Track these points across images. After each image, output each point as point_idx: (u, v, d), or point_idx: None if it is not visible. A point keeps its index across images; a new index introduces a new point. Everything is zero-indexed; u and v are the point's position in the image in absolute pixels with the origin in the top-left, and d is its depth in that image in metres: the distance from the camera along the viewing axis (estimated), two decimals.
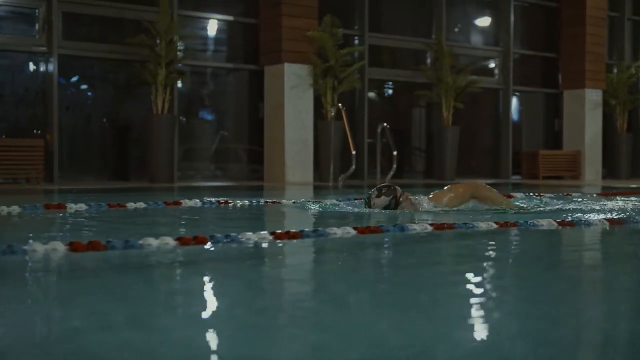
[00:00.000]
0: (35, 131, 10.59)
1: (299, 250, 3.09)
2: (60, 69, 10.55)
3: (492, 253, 3.19)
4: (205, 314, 1.92)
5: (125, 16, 11.19)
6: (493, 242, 3.49)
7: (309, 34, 11.75)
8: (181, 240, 2.91)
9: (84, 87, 11.33)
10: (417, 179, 14.05)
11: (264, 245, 3.07)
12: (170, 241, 2.88)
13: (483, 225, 3.76)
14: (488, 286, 2.34)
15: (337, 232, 3.25)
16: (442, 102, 13.38)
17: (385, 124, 11.36)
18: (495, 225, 3.78)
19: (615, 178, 15.27)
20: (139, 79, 10.86)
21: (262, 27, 12.08)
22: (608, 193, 7.70)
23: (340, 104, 11.42)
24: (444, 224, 3.71)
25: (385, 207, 5.01)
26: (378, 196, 5.03)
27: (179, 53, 10.97)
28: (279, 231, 3.21)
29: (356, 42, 13.11)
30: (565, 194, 7.56)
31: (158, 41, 10.80)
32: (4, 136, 10.52)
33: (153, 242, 2.86)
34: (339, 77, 11.97)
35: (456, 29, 14.72)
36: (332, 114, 11.57)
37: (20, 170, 10.12)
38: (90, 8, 10.91)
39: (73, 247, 2.70)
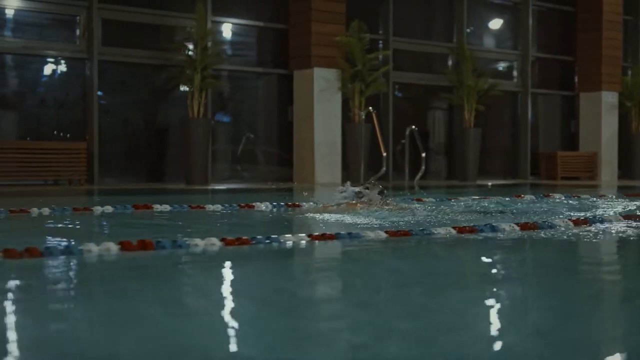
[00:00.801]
0: (76, 134, 10.91)
1: (418, 246, 3.43)
2: (100, 74, 10.89)
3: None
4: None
5: (162, 22, 11.53)
6: (577, 239, 3.83)
7: (337, 39, 12.09)
8: (312, 237, 3.26)
9: (121, 91, 11.65)
10: (439, 180, 14.37)
11: (383, 240, 3.42)
12: (304, 237, 3.24)
13: (561, 224, 4.11)
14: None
15: (441, 231, 3.59)
16: (464, 104, 13.73)
17: (413, 127, 11.71)
18: (571, 224, 4.13)
19: (631, 179, 15.61)
20: (176, 83, 11.20)
21: (291, 33, 12.41)
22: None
23: (371, 107, 11.75)
24: (528, 223, 4.05)
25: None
26: (371, 188, 5.42)
27: (213, 58, 11.27)
28: (393, 230, 3.56)
29: (380, 46, 13.45)
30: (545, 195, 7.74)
31: (192, 46, 11.14)
32: (28, 138, 10.80)
33: (291, 237, 3.21)
34: (366, 81, 12.31)
35: (476, 33, 15.05)
36: (363, 117, 11.90)
37: (63, 172, 10.44)
38: (129, 15, 11.26)
39: (226, 242, 3.04)
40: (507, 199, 6.81)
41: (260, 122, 12.87)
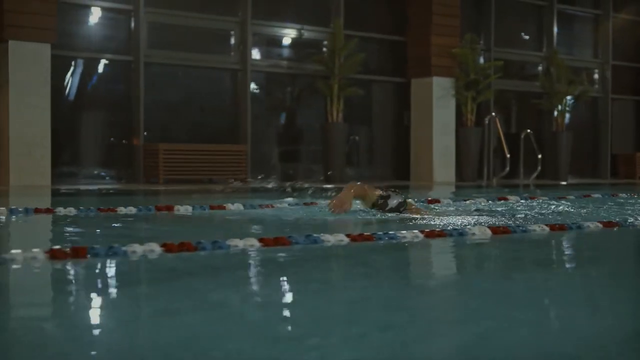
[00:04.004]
0: (229, 137, 12.10)
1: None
2: (252, 84, 12.12)
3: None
4: None
5: (304, 37, 12.75)
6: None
7: (453, 51, 13.27)
8: (551, 227, 4.27)
9: (269, 98, 12.88)
10: (529, 179, 15.52)
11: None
12: (544, 227, 4.23)
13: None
14: None
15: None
16: (557, 109, 14.91)
17: (528, 130, 12.90)
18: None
19: None
20: (317, 91, 12.41)
21: (410, 44, 13.59)
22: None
23: (493, 113, 12.94)
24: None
25: (393, 210, 5.37)
26: (391, 198, 5.36)
27: (349, 68, 12.43)
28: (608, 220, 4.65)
29: (481, 55, 14.64)
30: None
31: (329, 57, 12.35)
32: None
33: (537, 228, 4.20)
34: (477, 89, 13.50)
35: (561, 42, 16.21)
36: (486, 122, 13.07)
37: (226, 171, 11.61)
38: (276, 29, 12.51)
39: (427, 234, 3.96)
40: None
41: (379, 126, 14.06)
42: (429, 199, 6.85)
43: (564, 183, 14.11)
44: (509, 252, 3.71)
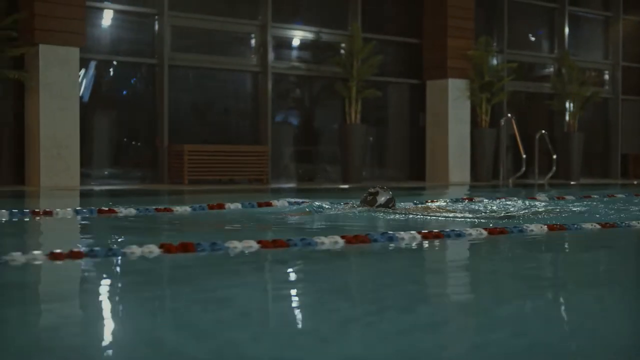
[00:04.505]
0: (249, 139, 12.29)
1: None
2: (272, 86, 12.30)
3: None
4: None
5: (323, 40, 12.95)
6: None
7: (468, 53, 13.47)
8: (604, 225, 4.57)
9: (289, 100, 13.08)
10: (543, 179, 15.72)
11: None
12: (595, 225, 4.55)
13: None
14: None
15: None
16: (569, 110, 15.12)
17: (543, 131, 13.09)
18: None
19: None
20: (335, 93, 12.60)
21: (426, 47, 13.78)
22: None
23: (509, 114, 13.13)
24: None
25: (382, 206, 5.60)
26: (380, 194, 5.63)
27: (367, 70, 12.62)
28: None
29: (495, 57, 14.83)
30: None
31: (347, 60, 12.54)
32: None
33: (588, 226, 4.46)
34: (491, 90, 13.69)
35: (572, 44, 16.43)
36: (502, 123, 13.27)
37: (249, 172, 11.80)
38: (296, 33, 12.70)
39: (490, 231, 4.21)
40: None
41: (394, 127, 14.25)
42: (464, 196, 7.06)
43: (573, 182, 14.32)
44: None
